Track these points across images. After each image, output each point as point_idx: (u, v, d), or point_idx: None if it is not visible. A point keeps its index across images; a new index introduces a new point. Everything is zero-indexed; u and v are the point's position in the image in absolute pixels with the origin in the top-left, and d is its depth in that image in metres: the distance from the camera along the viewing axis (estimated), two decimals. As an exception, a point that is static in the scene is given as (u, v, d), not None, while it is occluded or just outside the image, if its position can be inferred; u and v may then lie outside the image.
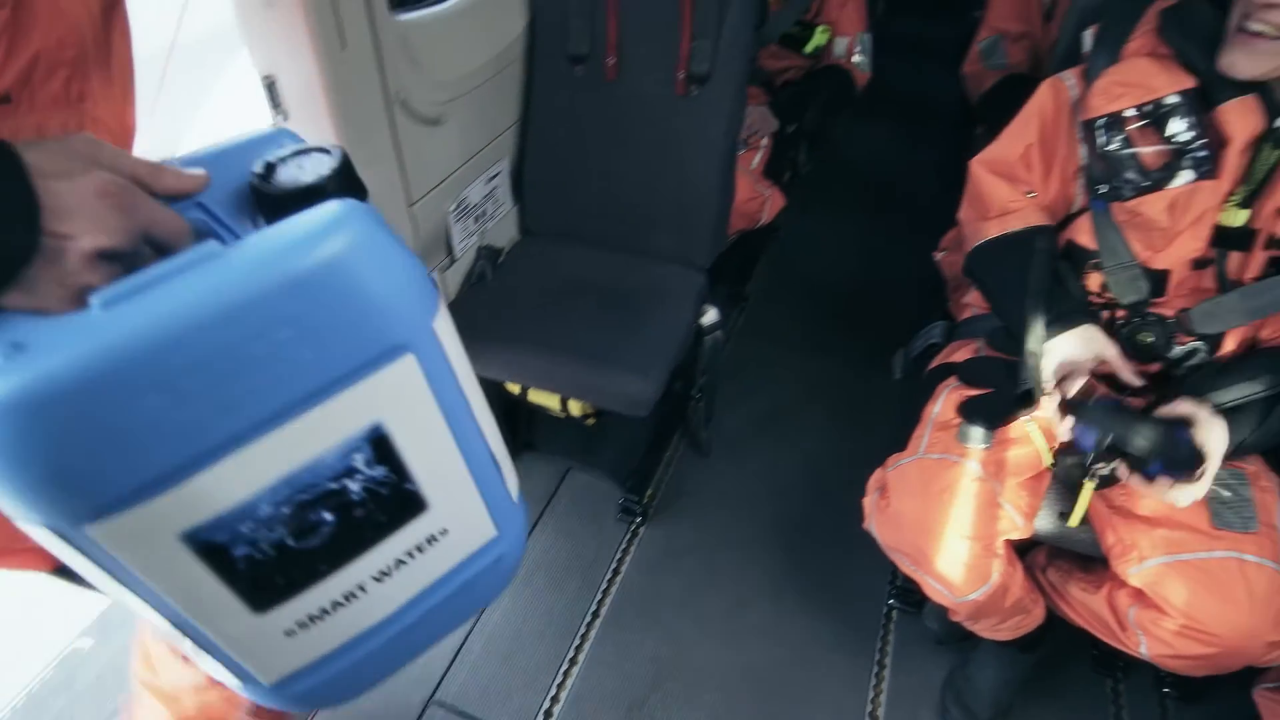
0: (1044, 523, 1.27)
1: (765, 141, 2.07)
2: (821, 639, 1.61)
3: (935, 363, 1.39)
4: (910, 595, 1.65)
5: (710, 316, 1.68)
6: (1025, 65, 1.88)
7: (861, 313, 2.43)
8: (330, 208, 0.50)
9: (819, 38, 2.11)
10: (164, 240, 0.50)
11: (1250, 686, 1.29)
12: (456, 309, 1.62)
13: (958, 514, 1.15)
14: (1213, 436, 1.05)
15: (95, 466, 0.46)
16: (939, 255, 1.73)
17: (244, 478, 0.51)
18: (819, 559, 1.75)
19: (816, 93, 2.15)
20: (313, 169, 0.54)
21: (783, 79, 2.24)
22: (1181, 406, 1.08)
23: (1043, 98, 1.23)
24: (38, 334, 0.44)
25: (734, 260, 2.26)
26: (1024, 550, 1.38)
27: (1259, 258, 1.10)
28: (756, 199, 2.00)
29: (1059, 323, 1.14)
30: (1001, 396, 1.21)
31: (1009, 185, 1.26)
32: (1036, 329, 1.15)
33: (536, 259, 1.80)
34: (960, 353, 1.36)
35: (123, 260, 0.48)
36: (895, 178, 3.07)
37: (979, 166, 1.29)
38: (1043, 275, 1.17)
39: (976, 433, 1.20)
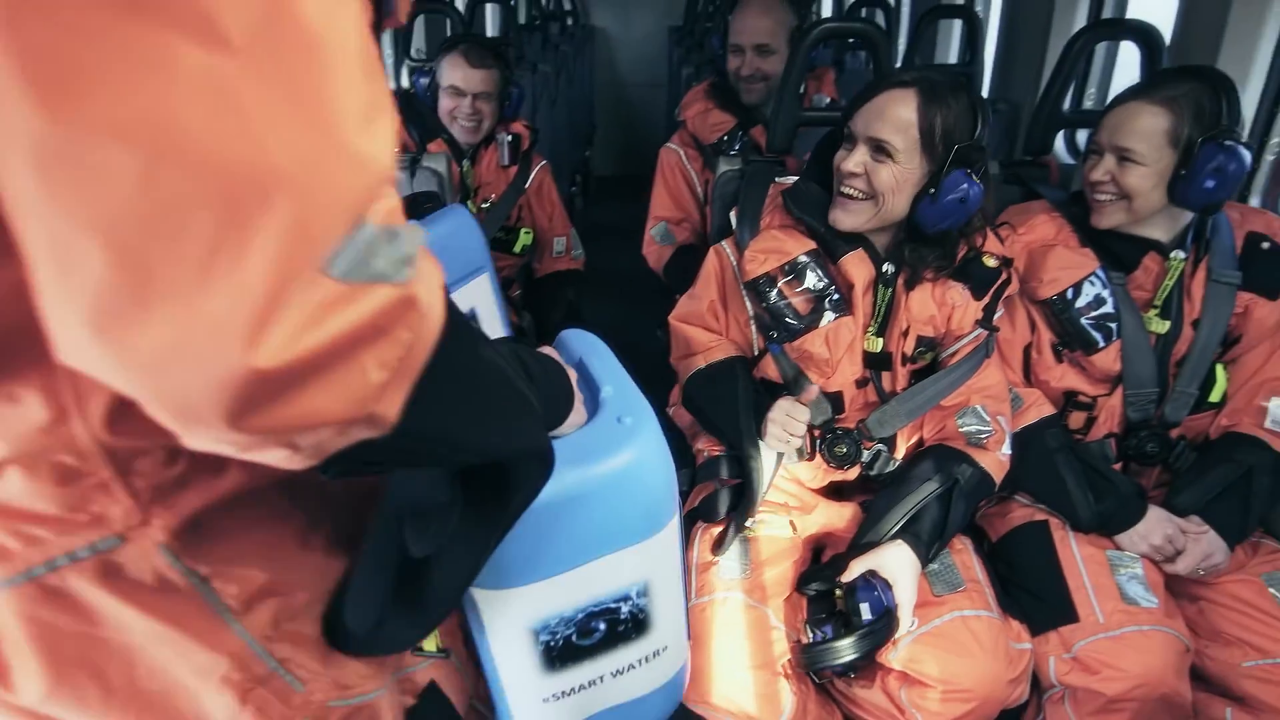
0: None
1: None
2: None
3: (685, 509, 1.49)
4: (728, 744, 1.64)
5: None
6: (693, 239, 2.22)
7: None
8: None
9: (524, 238, 2.32)
10: None
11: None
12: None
13: (737, 648, 1.20)
14: (899, 583, 1.21)
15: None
16: (670, 409, 1.90)
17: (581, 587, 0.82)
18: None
19: (563, 299, 2.35)
20: None
21: (501, 276, 2.41)
22: (858, 568, 1.24)
23: (712, 262, 1.48)
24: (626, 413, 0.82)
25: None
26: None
27: (902, 372, 1.37)
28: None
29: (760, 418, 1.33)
30: (737, 519, 1.34)
31: (705, 331, 1.46)
32: (751, 434, 1.33)
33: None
34: (701, 495, 1.47)
35: None
36: (621, 344, 3.36)
37: (677, 322, 1.49)
38: (748, 393, 1.37)
39: (732, 564, 1.29)
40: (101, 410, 0.47)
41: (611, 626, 0.85)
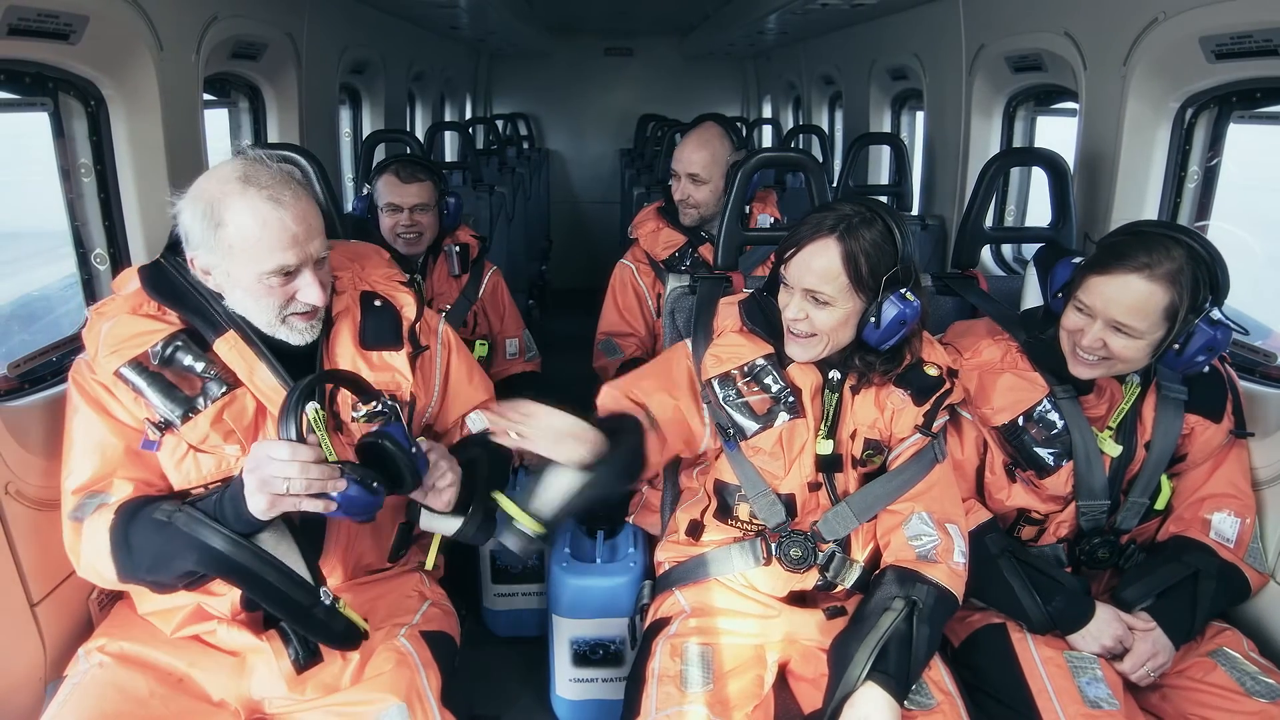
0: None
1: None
2: None
3: (647, 621, 1.47)
4: None
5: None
6: (639, 352, 2.28)
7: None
8: None
9: (480, 350, 2.35)
10: None
11: None
12: None
13: None
14: None
15: None
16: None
17: None
18: None
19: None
20: None
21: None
22: None
23: (677, 351, 1.48)
24: None
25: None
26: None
27: (853, 475, 1.40)
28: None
29: None
30: None
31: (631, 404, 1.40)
32: None
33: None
34: (664, 604, 1.45)
35: None
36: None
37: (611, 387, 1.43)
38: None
39: (695, 675, 1.26)
40: None
41: (605, 650, 1.75)
